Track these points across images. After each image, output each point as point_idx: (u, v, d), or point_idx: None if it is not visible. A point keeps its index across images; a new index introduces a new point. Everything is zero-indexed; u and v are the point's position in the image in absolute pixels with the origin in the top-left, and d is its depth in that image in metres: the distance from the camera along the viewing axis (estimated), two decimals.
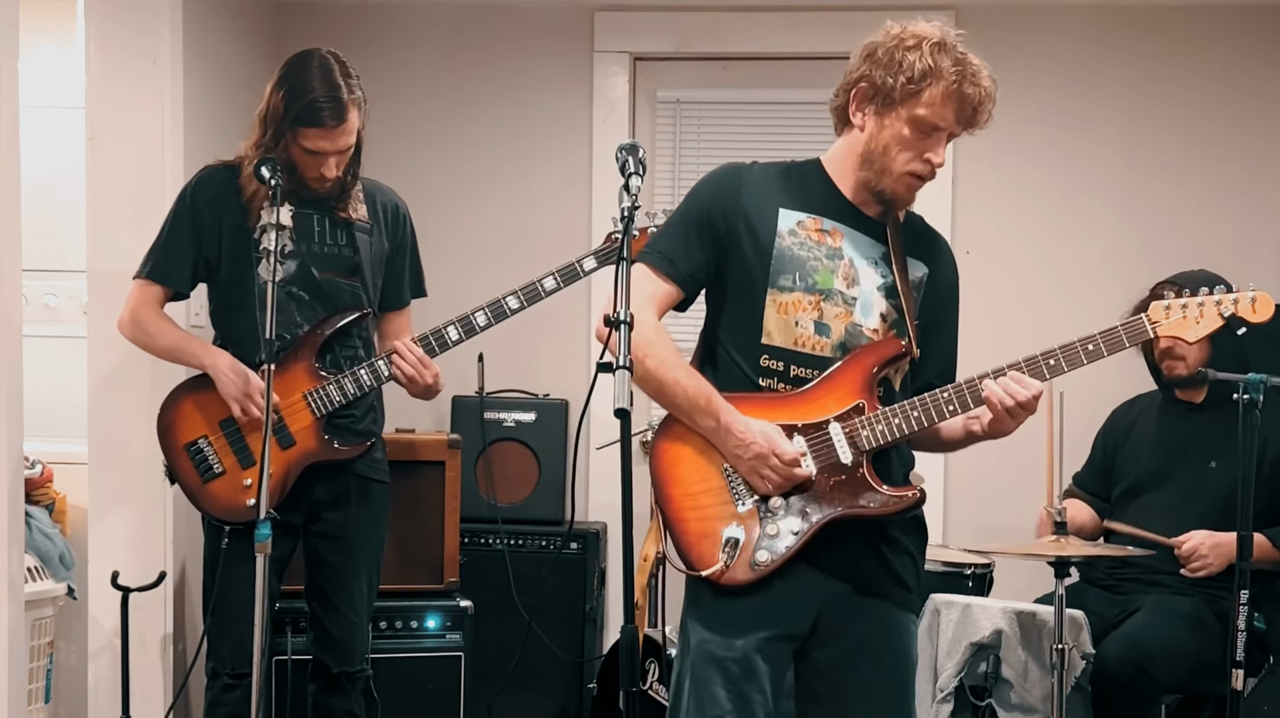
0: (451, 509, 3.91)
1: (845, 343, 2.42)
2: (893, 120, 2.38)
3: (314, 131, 3.07)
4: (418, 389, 3.22)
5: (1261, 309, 2.42)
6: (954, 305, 2.61)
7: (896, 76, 2.34)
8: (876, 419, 2.39)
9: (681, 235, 2.45)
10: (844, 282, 2.42)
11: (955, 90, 2.35)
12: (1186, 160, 4.47)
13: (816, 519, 2.35)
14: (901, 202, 2.47)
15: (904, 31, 2.39)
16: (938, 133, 2.39)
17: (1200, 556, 3.41)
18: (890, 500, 2.37)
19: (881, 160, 2.40)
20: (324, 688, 3.33)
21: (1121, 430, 3.75)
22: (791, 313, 2.40)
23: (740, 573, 2.34)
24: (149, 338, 3.25)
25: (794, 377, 2.41)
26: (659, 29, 4.64)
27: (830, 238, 2.44)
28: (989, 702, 3.38)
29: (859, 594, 2.41)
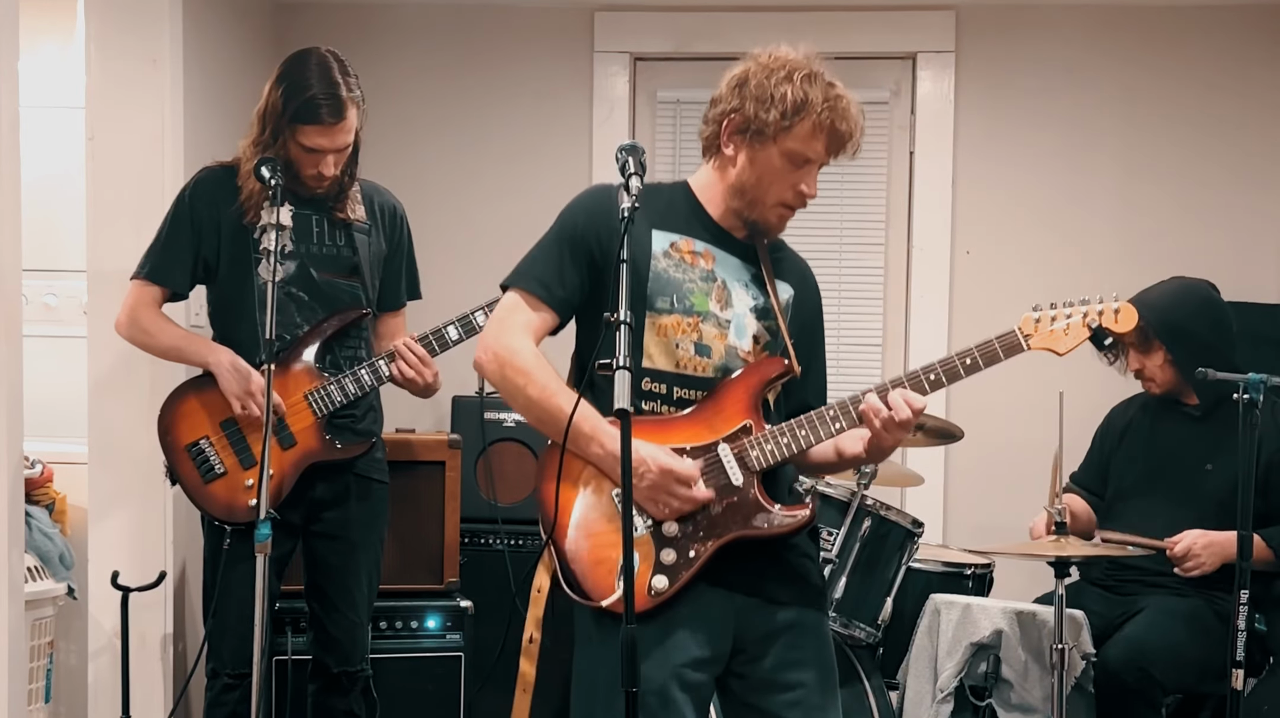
0: (451, 509, 3.91)
1: (725, 365, 2.41)
2: (765, 153, 2.37)
3: (312, 129, 3.07)
4: (418, 388, 3.22)
5: (1124, 320, 2.44)
6: (820, 327, 2.62)
7: (769, 110, 2.33)
8: (765, 439, 2.37)
9: (556, 260, 2.40)
10: (717, 304, 2.42)
11: (828, 124, 2.35)
12: (1185, 160, 4.48)
13: (711, 543, 2.32)
14: (773, 230, 2.47)
15: (773, 61, 2.38)
16: (809, 164, 2.39)
17: (1194, 555, 3.41)
18: (784, 520, 2.35)
19: (754, 192, 2.40)
20: (324, 688, 3.33)
21: (1118, 431, 3.75)
22: (671, 335, 2.38)
23: (639, 601, 2.28)
24: (148, 337, 3.24)
25: (677, 399, 2.39)
26: (659, 29, 4.64)
27: (702, 260, 2.43)
28: (989, 702, 3.38)
29: (770, 604, 2.39)
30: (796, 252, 2.63)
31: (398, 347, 3.19)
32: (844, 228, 4.56)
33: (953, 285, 4.52)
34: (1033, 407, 3.92)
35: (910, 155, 4.60)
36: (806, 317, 2.56)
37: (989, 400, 4.26)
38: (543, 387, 2.35)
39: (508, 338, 2.38)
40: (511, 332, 2.38)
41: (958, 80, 4.53)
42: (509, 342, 2.37)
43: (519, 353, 2.36)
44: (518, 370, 2.36)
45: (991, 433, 4.33)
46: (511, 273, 2.46)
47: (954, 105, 4.54)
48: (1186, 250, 4.28)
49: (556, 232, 2.45)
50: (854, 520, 3.37)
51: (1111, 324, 2.44)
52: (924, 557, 3.64)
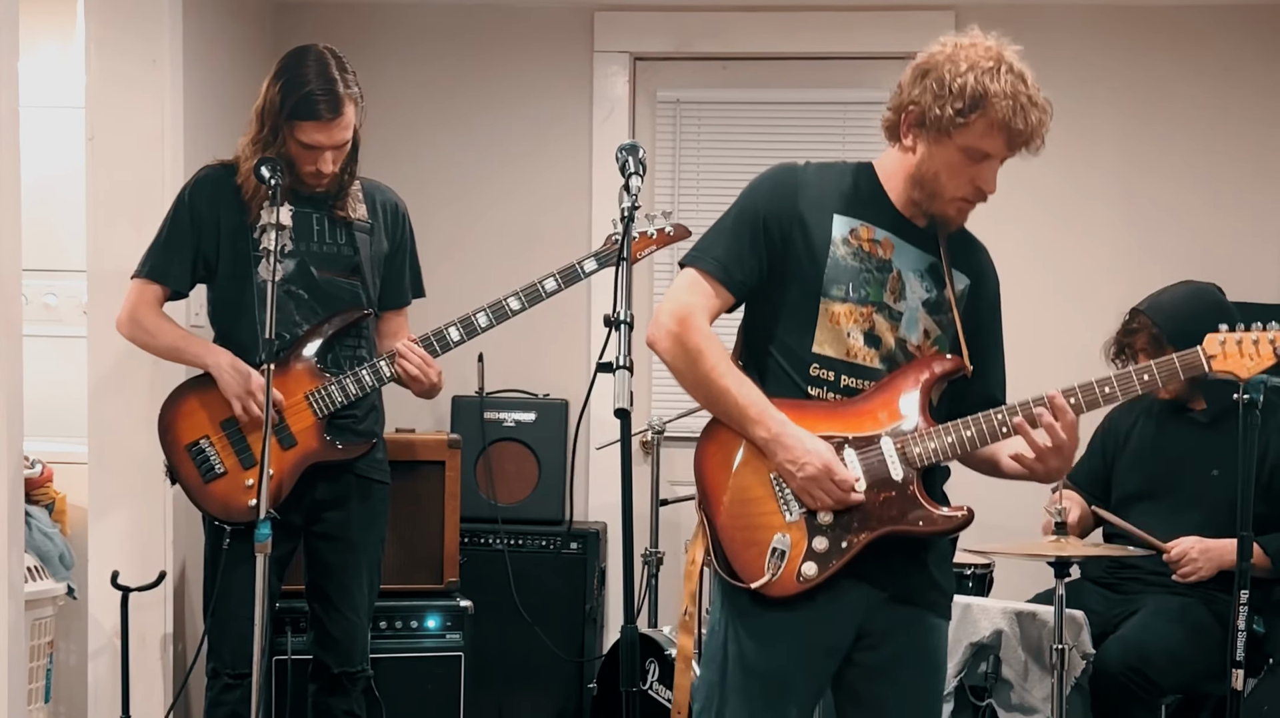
0: (451, 509, 3.91)
1: (893, 357, 2.39)
2: (943, 147, 2.33)
3: (310, 125, 3.07)
4: (420, 389, 3.22)
5: None
6: (997, 320, 2.57)
7: (945, 107, 2.29)
8: (930, 436, 2.34)
9: (735, 240, 2.38)
10: (891, 295, 2.39)
11: (1005, 121, 2.31)
12: (1187, 160, 4.47)
13: (865, 535, 2.31)
14: (952, 223, 2.44)
15: (958, 51, 2.35)
16: (988, 160, 2.36)
17: (1190, 560, 3.41)
18: (941, 520, 2.34)
19: (932, 185, 2.37)
20: (324, 688, 3.33)
21: (1121, 435, 3.74)
22: (843, 323, 2.36)
23: (786, 586, 2.29)
24: (149, 337, 3.24)
25: (844, 387, 2.37)
26: (659, 29, 4.64)
27: (881, 249, 2.40)
28: (989, 702, 3.38)
29: (898, 602, 2.38)
30: (977, 239, 2.59)
31: (399, 348, 3.18)
32: None
33: None
34: None
35: None
36: (983, 308, 2.53)
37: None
38: (712, 366, 2.34)
39: (684, 314, 2.35)
40: (687, 309, 2.35)
41: None
42: (685, 318, 2.35)
43: (694, 330, 2.34)
44: (690, 347, 2.34)
45: None
46: (690, 250, 2.43)
47: None
48: (1187, 250, 4.28)
49: (737, 212, 2.42)
50: None
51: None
52: None
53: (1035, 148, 2.38)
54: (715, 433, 2.38)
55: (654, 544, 4.11)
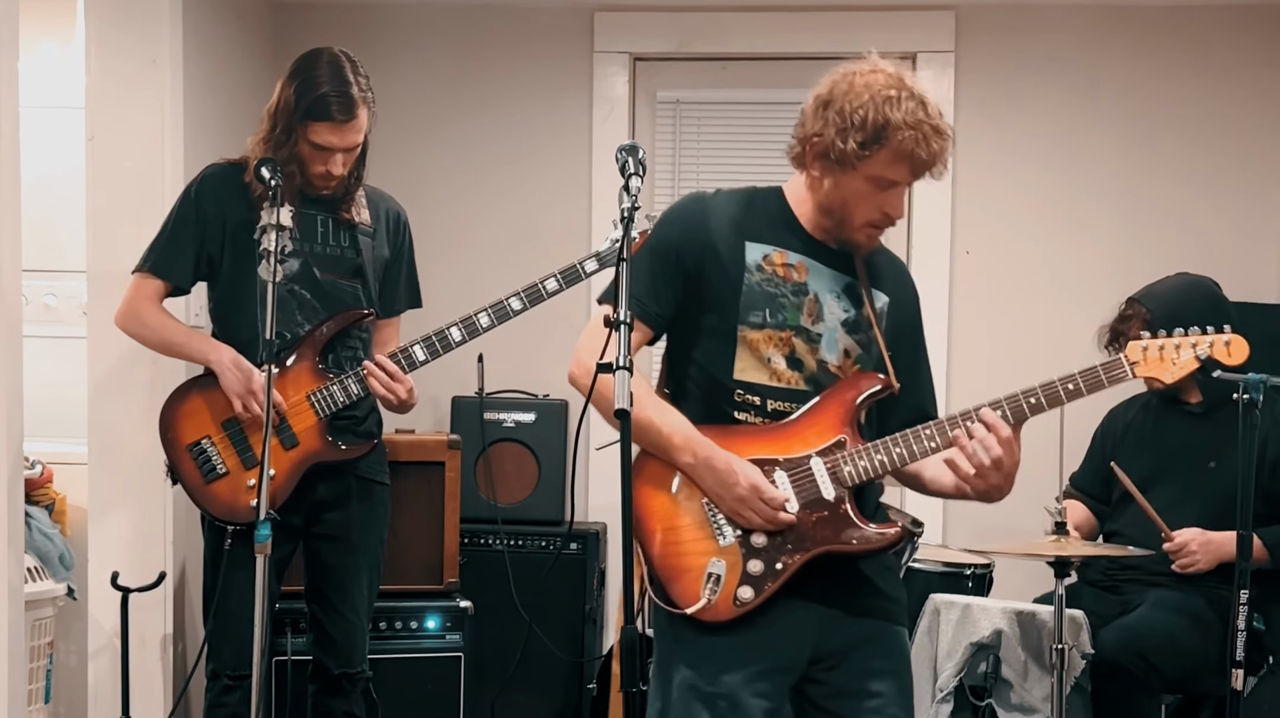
0: (451, 509, 3.91)
1: (816, 378, 2.41)
2: (849, 178, 2.34)
3: (323, 126, 3.07)
4: (391, 405, 3.21)
5: (1236, 353, 2.42)
6: (920, 334, 2.60)
7: (847, 140, 2.30)
8: (859, 454, 2.36)
9: (649, 276, 2.40)
10: (808, 318, 2.41)
11: (909, 151, 2.31)
12: (1186, 160, 4.48)
13: (799, 557, 2.33)
14: (862, 249, 2.45)
15: (857, 80, 2.34)
16: (895, 187, 2.37)
17: (1189, 552, 3.42)
18: (875, 538, 2.35)
19: (840, 213, 2.39)
20: (324, 689, 3.33)
21: (1119, 432, 3.75)
22: (763, 349, 2.39)
23: (723, 610, 2.31)
24: (147, 330, 3.24)
25: (771, 410, 2.39)
26: (659, 29, 4.64)
27: (795, 272, 2.42)
28: (989, 702, 3.38)
29: (851, 616, 2.40)
30: (893, 254, 2.60)
31: (367, 364, 3.17)
32: None
33: (953, 285, 4.52)
34: None
35: None
36: (905, 322, 2.54)
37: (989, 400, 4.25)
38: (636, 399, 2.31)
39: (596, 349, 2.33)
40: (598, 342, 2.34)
41: (958, 80, 4.53)
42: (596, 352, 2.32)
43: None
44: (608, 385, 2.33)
45: None
46: (606, 287, 2.45)
47: (954, 105, 4.54)
48: (1187, 250, 4.28)
49: (650, 247, 2.45)
50: None
51: (1224, 357, 2.42)
52: (924, 557, 3.65)
53: (938, 173, 2.38)
54: (645, 464, 2.39)
55: None
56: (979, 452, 2.33)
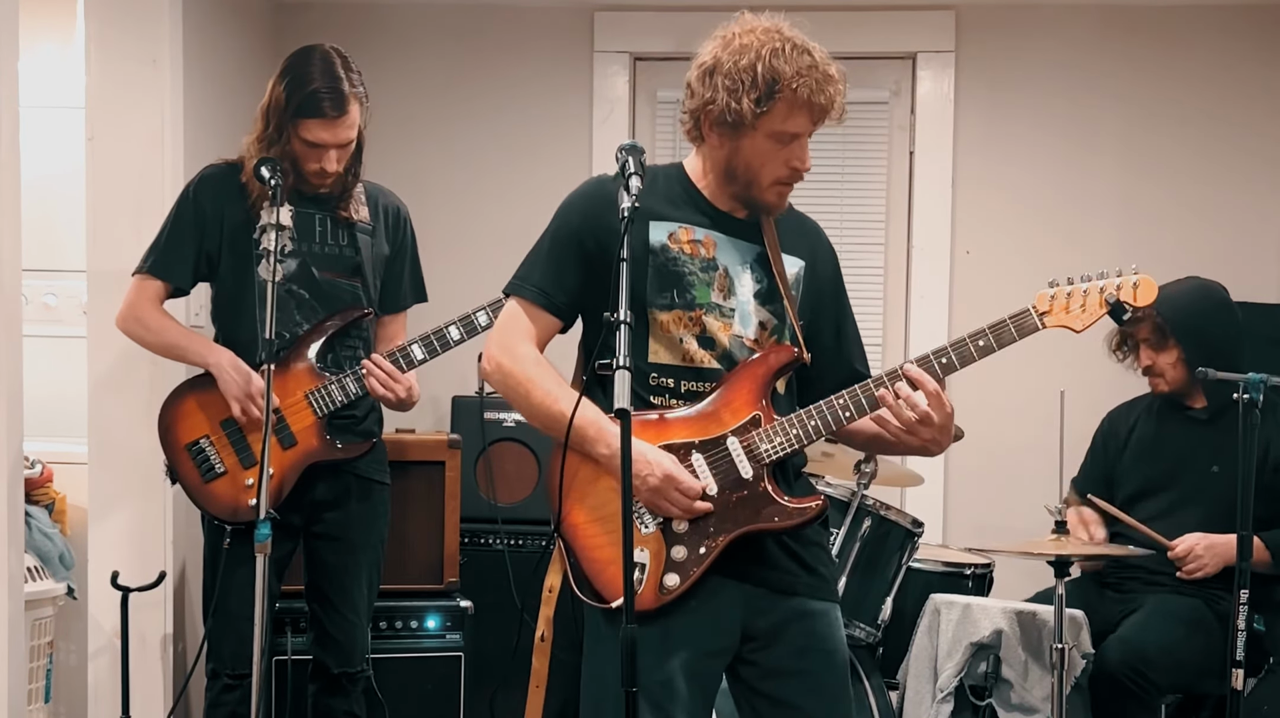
0: (451, 509, 3.91)
1: (730, 355, 2.38)
2: (749, 139, 2.31)
3: (314, 123, 3.07)
4: (391, 404, 3.21)
5: (1143, 294, 2.36)
6: (841, 290, 2.56)
7: (741, 100, 2.26)
8: (775, 431, 2.34)
9: (554, 264, 2.39)
10: (719, 293, 2.38)
11: (805, 98, 2.29)
12: (1187, 160, 4.48)
13: (721, 539, 2.31)
14: (774, 209, 2.42)
15: (736, 44, 2.31)
16: (797, 139, 2.34)
17: (1195, 557, 3.41)
18: (794, 513, 2.33)
19: (746, 175, 2.36)
20: (324, 689, 3.33)
21: (1122, 435, 3.74)
22: (673, 330, 2.36)
23: (649, 599, 2.29)
24: (148, 333, 3.24)
25: (685, 392, 2.38)
26: (659, 29, 4.64)
27: (703, 248, 2.39)
28: (989, 702, 3.38)
29: (778, 594, 2.38)
30: (805, 216, 2.56)
31: (365, 363, 3.17)
32: (844, 228, 4.55)
33: (953, 285, 4.52)
34: (1033, 406, 3.93)
35: (910, 155, 4.60)
36: (823, 284, 2.51)
37: (989, 400, 4.26)
38: (545, 392, 2.35)
39: (510, 346, 2.39)
40: (513, 339, 2.39)
41: (958, 80, 4.53)
42: (511, 350, 2.39)
43: (520, 360, 2.37)
44: (519, 378, 2.37)
45: (991, 433, 4.32)
46: (511, 279, 2.45)
47: (954, 105, 4.54)
48: (1186, 250, 4.28)
49: (552, 233, 2.44)
50: (854, 520, 3.36)
51: (1130, 298, 2.37)
52: (924, 557, 3.64)
53: (838, 115, 2.35)
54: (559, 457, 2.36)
55: None
56: (904, 409, 2.31)
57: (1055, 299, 2.40)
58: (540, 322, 2.41)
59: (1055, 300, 2.40)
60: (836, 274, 2.56)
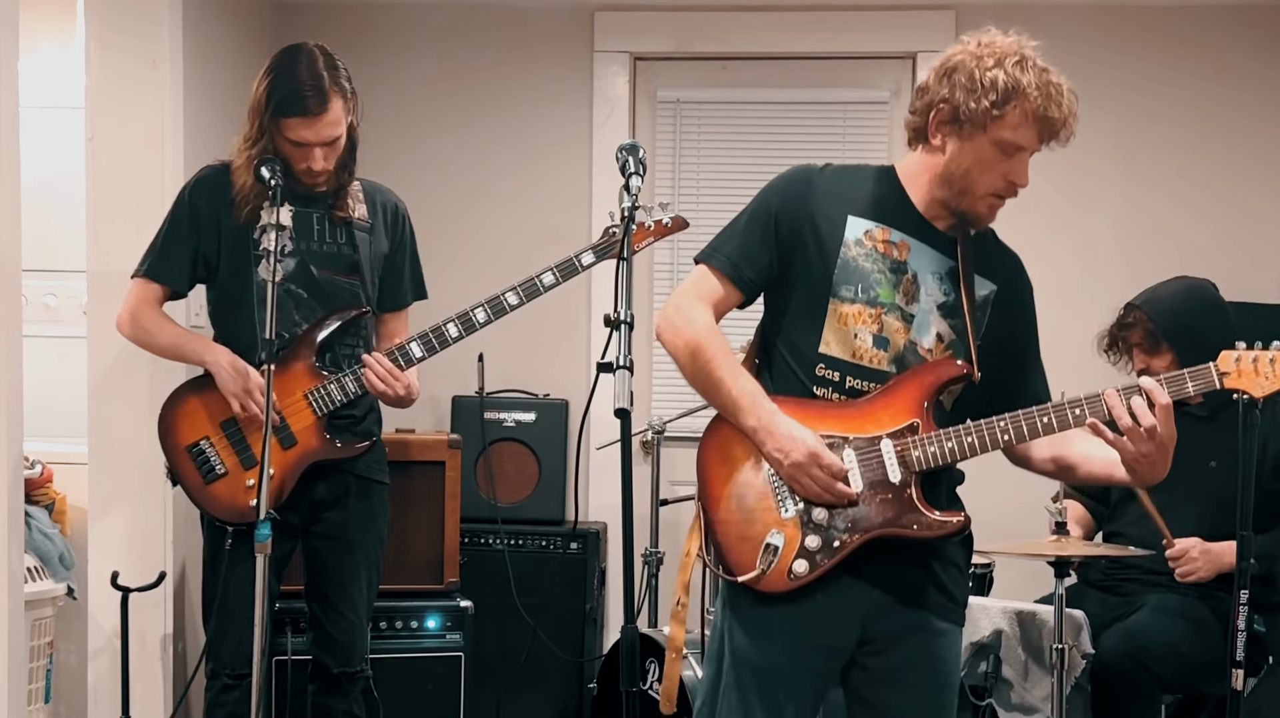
0: (451, 509, 3.91)
1: (902, 359, 2.38)
2: (975, 143, 2.32)
3: (296, 121, 3.06)
4: (389, 401, 3.22)
5: None
6: (1031, 322, 2.56)
7: (979, 100, 2.27)
8: (930, 440, 2.33)
9: (746, 238, 2.40)
10: (904, 297, 2.38)
11: (1040, 111, 2.29)
12: (1186, 160, 4.48)
13: (857, 537, 2.31)
14: (983, 220, 2.42)
15: (981, 48, 2.33)
16: (1021, 153, 2.35)
17: (1189, 560, 3.41)
18: (935, 525, 2.32)
19: (963, 182, 2.36)
20: (324, 689, 3.33)
21: None
22: (851, 324, 2.36)
23: (776, 582, 2.30)
24: (149, 335, 3.25)
25: (849, 388, 2.37)
26: (659, 29, 4.64)
27: (897, 250, 2.39)
28: (989, 702, 3.38)
29: (903, 605, 2.38)
30: (1008, 246, 2.57)
31: (365, 359, 3.17)
32: None
33: None
34: None
35: None
36: (1017, 313, 2.51)
37: None
38: (710, 359, 2.36)
39: (687, 308, 2.39)
40: (692, 303, 2.39)
41: None
42: (688, 312, 2.39)
43: (694, 322, 2.37)
44: (688, 340, 2.37)
45: None
46: (705, 247, 2.45)
47: None
48: (1186, 250, 4.28)
49: (751, 211, 2.44)
50: None
51: None
52: None
53: (1066, 137, 2.38)
54: (718, 429, 2.40)
55: (654, 544, 4.11)
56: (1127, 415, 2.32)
57: (1240, 363, 2.37)
58: (722, 291, 2.41)
59: (1240, 363, 2.37)
60: (1030, 308, 2.56)
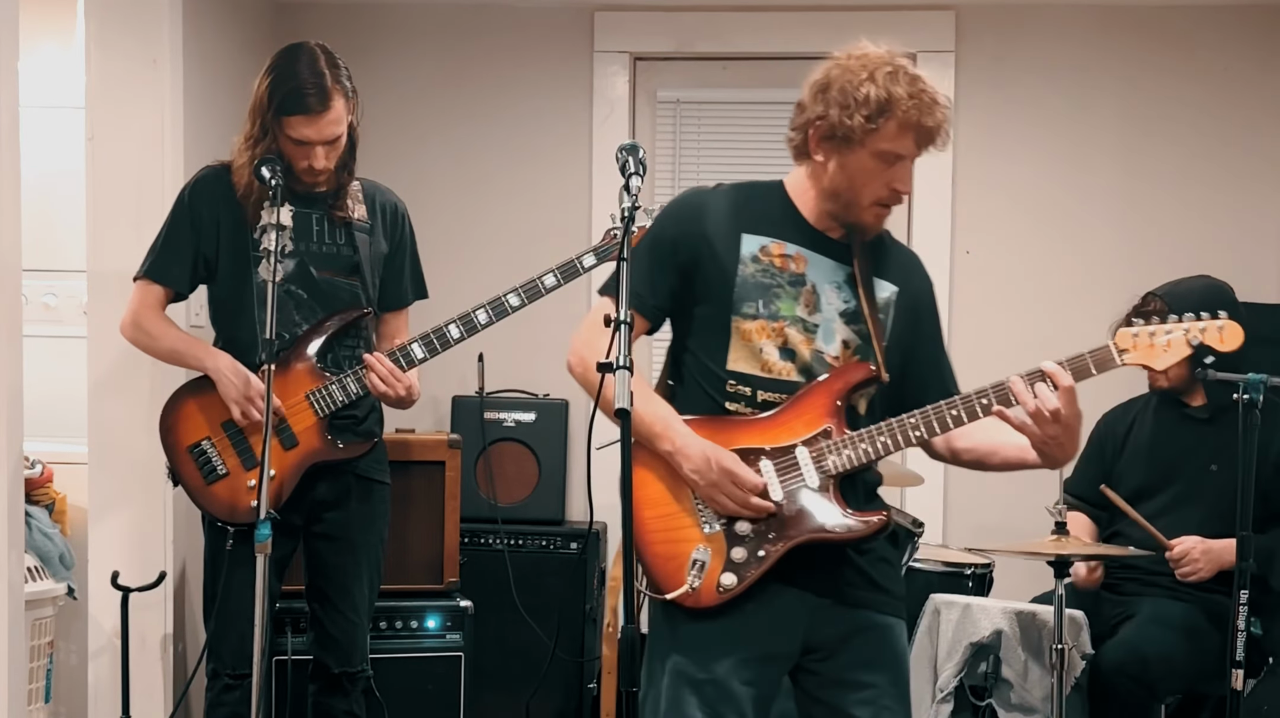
0: (451, 509, 3.92)
1: (810, 369, 2.43)
2: (855, 156, 2.37)
3: (298, 119, 3.06)
4: (390, 402, 3.22)
5: (1229, 339, 2.39)
6: (931, 321, 2.61)
7: (853, 115, 2.33)
8: (844, 444, 2.39)
9: (647, 269, 2.45)
10: (805, 309, 2.43)
11: (915, 120, 2.35)
12: (1187, 160, 4.48)
13: (781, 545, 2.35)
14: (870, 230, 2.47)
15: (852, 61, 2.38)
16: (901, 161, 2.39)
17: (1191, 560, 3.41)
18: (856, 526, 2.37)
19: (848, 195, 2.41)
20: (324, 689, 3.33)
21: (1119, 436, 3.73)
22: (755, 339, 2.42)
23: (706, 597, 2.35)
24: (151, 340, 3.25)
25: (761, 401, 2.42)
26: (659, 29, 4.64)
27: (794, 263, 2.45)
28: (989, 702, 3.38)
29: (842, 607, 2.42)
30: (904, 246, 2.62)
31: (367, 359, 3.17)
32: None
33: (953, 285, 4.52)
34: None
35: None
36: (919, 313, 2.56)
37: None
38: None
39: (595, 341, 2.42)
40: (599, 334, 2.40)
41: (958, 80, 4.53)
42: (596, 344, 2.40)
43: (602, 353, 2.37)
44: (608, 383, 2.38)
45: None
46: (607, 279, 2.49)
47: (954, 105, 4.52)
48: (1186, 250, 4.28)
49: (649, 240, 2.50)
50: None
51: (1216, 343, 2.39)
52: (924, 557, 3.65)
53: (942, 142, 2.42)
54: (637, 454, 2.40)
55: None
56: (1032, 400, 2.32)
57: (1138, 338, 2.40)
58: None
59: (1138, 339, 2.40)
60: (932, 305, 2.61)
